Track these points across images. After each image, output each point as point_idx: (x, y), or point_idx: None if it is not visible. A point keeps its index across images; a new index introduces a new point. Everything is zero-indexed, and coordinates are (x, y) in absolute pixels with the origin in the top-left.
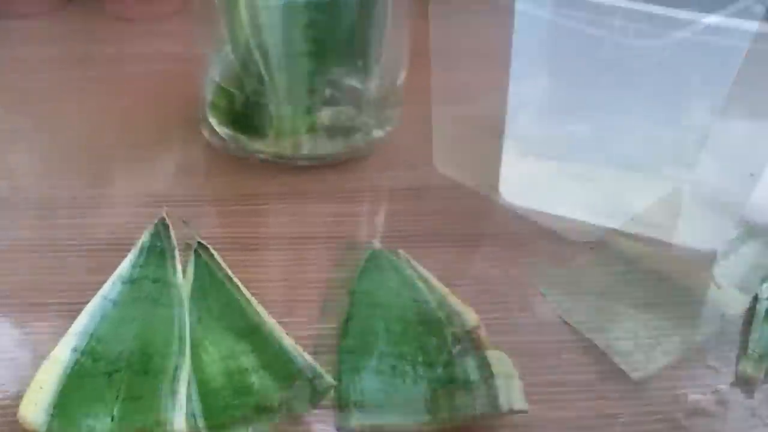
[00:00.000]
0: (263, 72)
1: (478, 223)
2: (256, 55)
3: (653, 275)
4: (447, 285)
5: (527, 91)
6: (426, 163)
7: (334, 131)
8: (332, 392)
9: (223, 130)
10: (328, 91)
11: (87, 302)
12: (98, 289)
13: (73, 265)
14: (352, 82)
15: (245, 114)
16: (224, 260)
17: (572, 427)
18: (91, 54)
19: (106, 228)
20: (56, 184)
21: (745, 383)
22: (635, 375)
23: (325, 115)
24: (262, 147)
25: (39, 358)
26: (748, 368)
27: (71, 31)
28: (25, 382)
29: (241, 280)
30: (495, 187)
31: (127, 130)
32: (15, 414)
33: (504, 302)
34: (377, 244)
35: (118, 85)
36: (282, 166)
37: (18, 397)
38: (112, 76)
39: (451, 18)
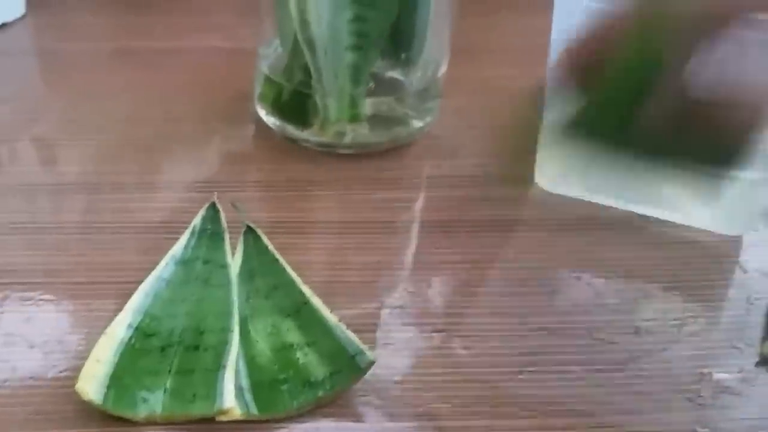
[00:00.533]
0: (310, 64)
1: (514, 209)
2: (304, 48)
3: (682, 259)
4: (484, 268)
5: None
6: (464, 152)
7: (376, 122)
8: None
9: (270, 120)
10: (371, 83)
11: (141, 282)
12: (152, 269)
13: (129, 246)
14: (395, 74)
15: (292, 104)
16: (271, 243)
17: (605, 402)
18: (137, 26)
19: (161, 212)
20: (115, 170)
21: (767, 363)
22: (663, 354)
23: (368, 105)
24: (308, 136)
25: (96, 334)
26: None
27: (121, 18)
28: (83, 357)
29: (287, 262)
30: (532, 175)
31: (179, 118)
32: (73, 386)
33: (540, 284)
34: None
35: (169, 74)
36: (326, 154)
37: (77, 371)
38: (159, 51)
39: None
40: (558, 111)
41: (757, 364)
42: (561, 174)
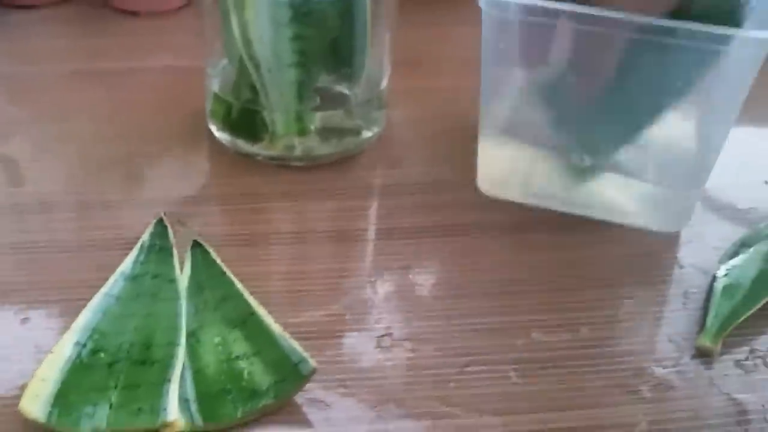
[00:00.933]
0: (256, 82)
1: (458, 214)
2: (249, 66)
3: (620, 257)
4: (432, 272)
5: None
6: (411, 160)
7: (326, 134)
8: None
9: (222, 136)
10: (318, 98)
11: (90, 299)
12: (102, 286)
13: (82, 264)
14: (340, 88)
15: (242, 120)
16: (226, 256)
17: (546, 399)
18: (95, 48)
19: (115, 229)
20: (69, 189)
21: (703, 355)
22: (602, 350)
23: (317, 119)
24: (259, 150)
25: (42, 352)
26: (706, 341)
27: (76, 23)
28: (27, 376)
29: (242, 274)
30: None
31: (136, 136)
32: (17, 406)
33: (479, 286)
34: None
35: (126, 93)
36: (278, 167)
37: (20, 390)
38: (116, 72)
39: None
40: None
41: (693, 357)
42: (501, 178)
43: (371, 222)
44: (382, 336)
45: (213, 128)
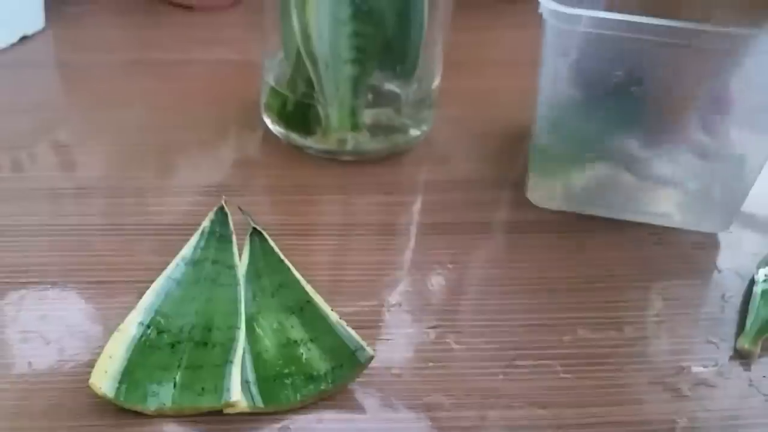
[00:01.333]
0: (312, 77)
1: (504, 213)
2: (306, 61)
3: (661, 260)
4: (478, 268)
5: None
6: (457, 159)
7: (376, 130)
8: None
9: (276, 128)
10: (370, 95)
11: (153, 281)
12: (164, 269)
13: (144, 247)
14: (392, 86)
15: (296, 114)
16: (277, 244)
17: (589, 394)
18: (149, 39)
19: (173, 214)
20: (127, 175)
21: (742, 357)
22: (643, 349)
23: (367, 115)
24: (311, 143)
25: (110, 331)
26: (745, 344)
27: (131, 15)
28: (96, 353)
29: (292, 263)
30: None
31: (191, 126)
32: (87, 381)
33: (527, 283)
34: None
35: (181, 84)
36: (329, 160)
37: (90, 366)
38: (170, 63)
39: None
40: (545, 137)
41: (732, 358)
42: (550, 191)
43: (418, 217)
44: (432, 327)
45: (267, 120)
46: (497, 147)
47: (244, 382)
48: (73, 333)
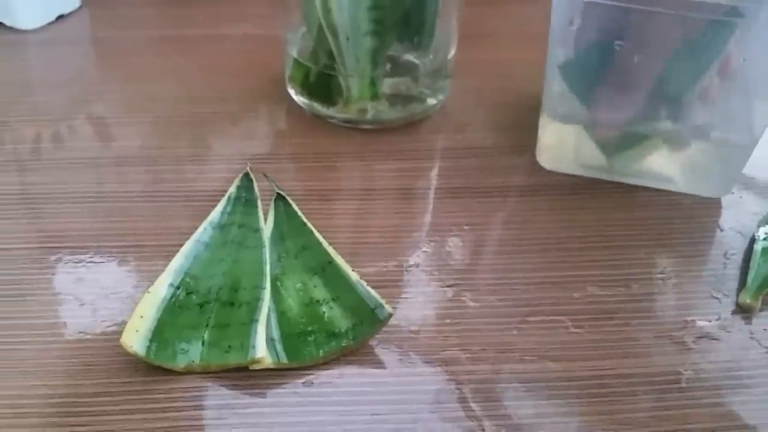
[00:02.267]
0: (333, 49)
1: (516, 177)
2: (328, 34)
3: (666, 220)
4: (492, 230)
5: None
6: (472, 127)
7: (394, 100)
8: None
9: (300, 99)
10: (388, 65)
11: (182, 245)
12: (192, 233)
13: (174, 213)
14: (410, 57)
15: (318, 85)
16: (301, 209)
17: (598, 348)
18: (180, 16)
19: (201, 182)
20: (159, 145)
21: (744, 311)
22: (650, 304)
23: (386, 85)
24: (333, 113)
25: (141, 293)
26: (747, 299)
27: (166, 9)
28: (128, 314)
29: (315, 226)
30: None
31: (219, 98)
32: (119, 340)
33: (538, 243)
34: None
35: (210, 59)
36: (350, 129)
37: (122, 326)
38: (200, 38)
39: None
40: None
41: (734, 312)
42: (557, 154)
43: (434, 182)
44: (449, 286)
45: (291, 92)
46: (510, 115)
47: (269, 340)
48: (107, 295)
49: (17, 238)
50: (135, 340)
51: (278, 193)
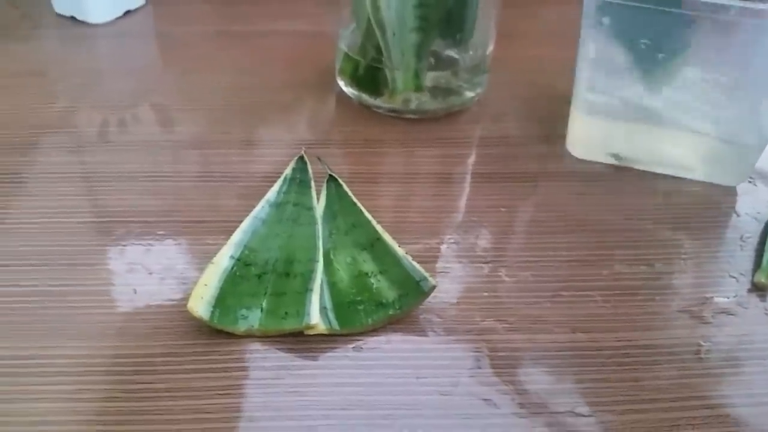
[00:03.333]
0: (381, 43)
1: (549, 164)
2: (376, 29)
3: (686, 206)
4: (525, 212)
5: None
6: (508, 118)
7: (435, 92)
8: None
9: (349, 90)
10: (431, 59)
11: (240, 222)
12: (250, 212)
13: (232, 192)
14: (451, 52)
15: (367, 77)
16: (350, 190)
17: (623, 321)
18: (236, 13)
19: (258, 164)
20: (220, 130)
21: (759, 290)
22: (672, 282)
23: (429, 78)
24: (380, 103)
25: (204, 263)
26: (762, 278)
27: (224, 7)
28: (193, 282)
29: (363, 206)
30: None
31: (273, 89)
32: (184, 306)
33: (569, 224)
34: None
35: (264, 53)
36: (395, 118)
37: (187, 294)
38: (255, 33)
39: (526, 5)
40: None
41: (750, 290)
42: (587, 144)
43: (472, 168)
44: (486, 263)
45: (341, 83)
46: (543, 108)
47: (322, 308)
48: (173, 265)
49: (88, 212)
50: (200, 306)
51: (330, 175)
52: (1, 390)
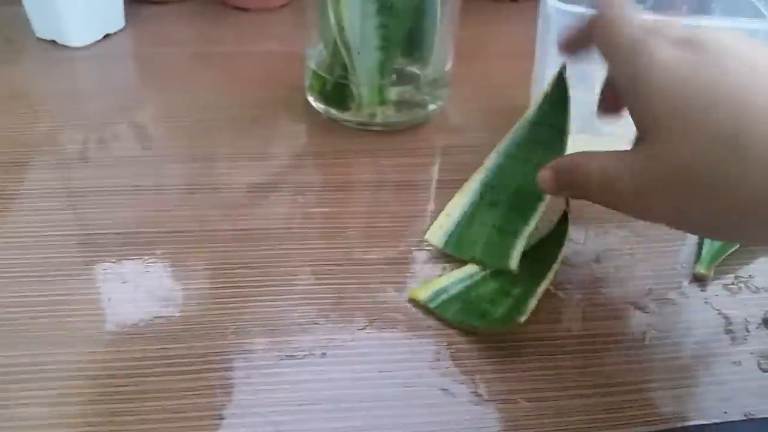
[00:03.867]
0: (346, 61)
1: None
2: (342, 49)
3: None
4: None
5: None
6: (468, 129)
7: (400, 105)
8: None
9: (318, 105)
10: (395, 75)
11: (216, 233)
12: (235, 221)
13: (211, 203)
14: (413, 68)
15: (334, 93)
16: (321, 198)
17: (571, 313)
18: (212, 36)
19: (236, 176)
20: (199, 144)
21: (699, 280)
22: (618, 275)
23: (393, 93)
24: (347, 117)
25: (182, 273)
26: (701, 269)
27: (197, 16)
28: (165, 288)
29: (332, 213)
30: None
31: (248, 106)
32: (166, 314)
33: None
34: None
35: (238, 73)
36: (362, 131)
37: (166, 299)
38: (229, 54)
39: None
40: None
41: (691, 281)
42: None
43: (436, 175)
44: (448, 263)
45: (310, 99)
46: (501, 118)
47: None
48: (152, 274)
49: (72, 225)
50: (437, 236)
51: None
52: None
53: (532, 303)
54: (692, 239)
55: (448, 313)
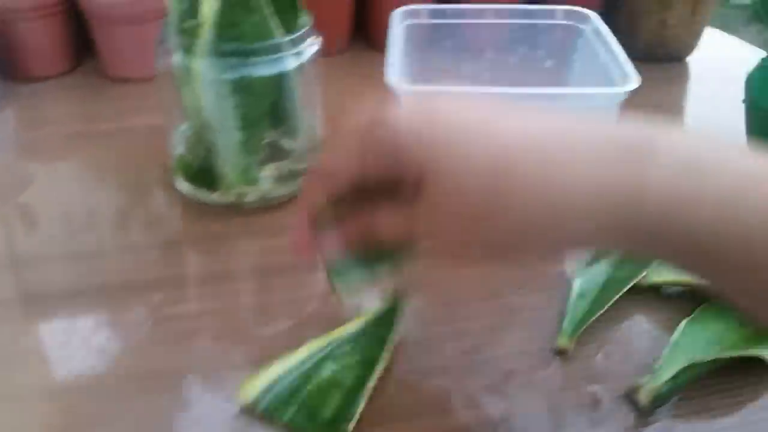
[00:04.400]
0: (209, 142)
1: None
2: (203, 130)
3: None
4: None
5: None
6: None
7: (280, 179)
8: None
9: (185, 187)
10: (269, 151)
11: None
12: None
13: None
14: (286, 141)
15: (200, 174)
16: (199, 290)
17: (422, 405)
18: (91, 112)
19: (113, 275)
20: (65, 233)
21: (560, 354)
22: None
23: (270, 168)
24: (216, 198)
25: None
26: (562, 341)
27: (77, 90)
28: None
29: (208, 309)
30: None
31: (119, 183)
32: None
33: None
34: None
35: (112, 141)
36: (235, 211)
37: None
38: (107, 132)
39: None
40: None
41: (555, 355)
42: None
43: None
44: None
45: (177, 182)
46: None
47: None
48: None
49: None
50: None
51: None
52: None
53: (362, 403)
54: (553, 312)
55: (283, 416)
